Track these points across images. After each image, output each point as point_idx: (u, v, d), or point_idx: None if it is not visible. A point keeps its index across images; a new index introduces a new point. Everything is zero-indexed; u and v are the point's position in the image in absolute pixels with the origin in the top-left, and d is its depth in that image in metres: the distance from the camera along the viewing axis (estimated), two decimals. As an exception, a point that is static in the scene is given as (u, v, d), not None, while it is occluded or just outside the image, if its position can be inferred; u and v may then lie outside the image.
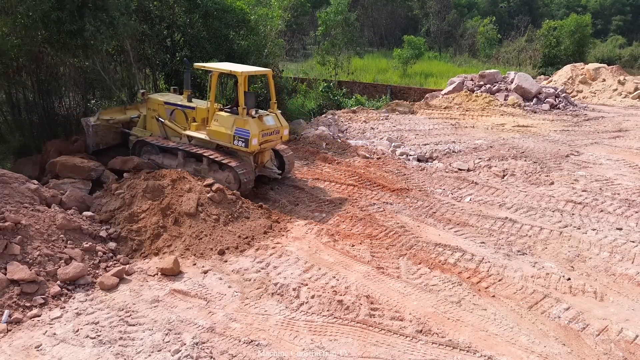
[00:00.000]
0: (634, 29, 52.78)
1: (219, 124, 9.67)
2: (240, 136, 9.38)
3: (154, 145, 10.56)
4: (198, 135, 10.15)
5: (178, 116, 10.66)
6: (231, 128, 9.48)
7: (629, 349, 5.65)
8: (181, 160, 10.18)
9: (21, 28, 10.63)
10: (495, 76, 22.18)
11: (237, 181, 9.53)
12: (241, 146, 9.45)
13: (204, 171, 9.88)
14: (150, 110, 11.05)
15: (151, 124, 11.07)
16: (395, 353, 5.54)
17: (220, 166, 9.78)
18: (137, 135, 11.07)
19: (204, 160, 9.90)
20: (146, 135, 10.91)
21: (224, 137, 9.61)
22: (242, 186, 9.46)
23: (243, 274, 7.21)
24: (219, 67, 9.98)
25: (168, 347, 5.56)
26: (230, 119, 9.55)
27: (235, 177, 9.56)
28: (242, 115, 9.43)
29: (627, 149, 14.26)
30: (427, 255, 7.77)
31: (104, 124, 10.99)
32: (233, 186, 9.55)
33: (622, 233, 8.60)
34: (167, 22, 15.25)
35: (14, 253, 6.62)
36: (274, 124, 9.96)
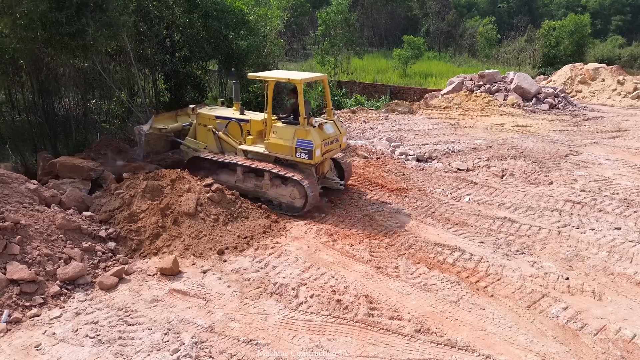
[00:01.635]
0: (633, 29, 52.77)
1: (277, 136, 9.11)
2: (302, 148, 8.84)
3: (211, 161, 9.95)
4: (255, 149, 9.63)
5: (232, 129, 10.13)
6: (292, 140, 8.93)
7: (627, 348, 5.67)
8: (240, 176, 9.62)
9: (21, 29, 10.64)
10: (494, 76, 22.19)
11: (303, 196, 8.98)
12: (304, 158, 8.91)
13: (266, 187, 9.38)
14: (200, 126, 10.52)
15: (204, 136, 10.47)
16: (394, 352, 5.56)
17: (282, 180, 9.26)
18: (188, 145, 10.62)
19: (266, 175, 9.34)
20: (200, 147, 10.43)
21: (285, 149, 9.05)
22: (308, 201, 8.91)
23: (242, 273, 7.23)
24: (275, 76, 9.48)
25: (167, 346, 5.58)
26: (290, 130, 9.00)
27: (300, 191, 9.01)
28: (303, 126, 8.87)
29: (626, 148, 14.28)
30: (425, 255, 7.79)
31: (156, 133, 10.67)
32: (298, 202, 9.07)
33: (620, 233, 8.62)
34: (166, 22, 15.28)
35: (13, 253, 6.63)
36: (334, 132, 9.49)
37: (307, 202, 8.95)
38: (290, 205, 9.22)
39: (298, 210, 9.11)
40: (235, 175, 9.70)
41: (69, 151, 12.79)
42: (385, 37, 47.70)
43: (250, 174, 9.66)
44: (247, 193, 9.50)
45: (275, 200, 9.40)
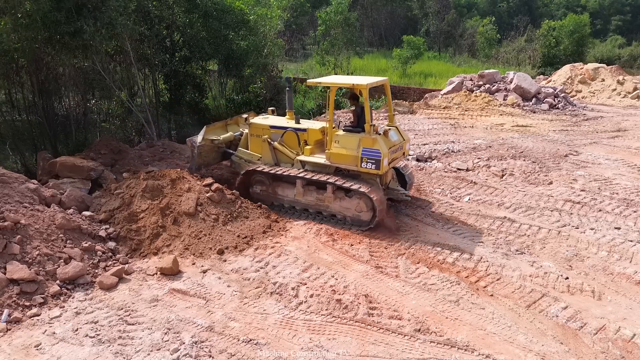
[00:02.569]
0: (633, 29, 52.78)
1: (340, 145, 8.53)
2: (369, 157, 8.27)
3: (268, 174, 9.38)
4: (314, 159, 9.07)
5: (288, 139, 9.57)
6: (357, 149, 8.36)
7: (627, 348, 5.67)
8: (300, 190, 9.03)
9: (21, 28, 10.65)
10: (494, 76, 22.20)
11: (371, 209, 8.48)
12: (371, 168, 8.31)
13: (328, 200, 8.82)
14: (253, 137, 9.94)
15: (258, 147, 9.85)
16: (394, 352, 5.56)
17: (346, 193, 8.71)
18: (241, 157, 10.15)
19: (328, 188, 8.77)
20: (254, 158, 9.89)
21: (349, 159, 8.48)
22: (376, 214, 8.39)
23: (242, 273, 7.23)
24: (337, 82, 9.07)
25: (167, 346, 5.58)
26: (354, 139, 8.43)
27: (367, 204, 8.49)
28: (369, 133, 8.32)
29: (625, 148, 14.29)
30: (425, 255, 7.79)
31: (208, 144, 10.14)
32: (365, 215, 8.55)
33: (620, 232, 8.62)
34: (166, 23, 15.29)
35: (13, 252, 6.64)
36: (398, 139, 8.93)
37: (375, 216, 8.45)
38: (357, 219, 8.67)
39: (365, 224, 8.59)
40: (294, 188, 9.13)
41: (68, 151, 12.81)
42: (385, 37, 47.70)
43: (310, 186, 9.03)
44: (307, 207, 9.10)
45: (339, 214, 8.86)
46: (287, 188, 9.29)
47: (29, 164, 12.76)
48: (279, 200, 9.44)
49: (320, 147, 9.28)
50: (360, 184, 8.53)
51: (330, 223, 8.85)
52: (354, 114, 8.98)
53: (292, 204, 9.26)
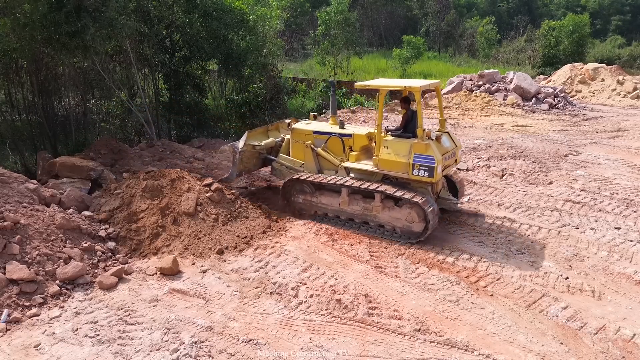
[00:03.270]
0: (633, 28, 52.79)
1: (391, 151, 8.10)
2: (421, 164, 7.82)
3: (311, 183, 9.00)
4: (360, 166, 8.65)
5: (332, 145, 9.19)
6: (408, 155, 7.93)
7: (627, 348, 5.66)
8: (345, 198, 8.60)
9: (21, 28, 10.65)
10: (494, 76, 22.21)
11: (423, 220, 7.99)
12: (424, 176, 7.85)
13: (376, 209, 8.34)
14: (296, 143, 9.61)
15: (300, 153, 9.53)
16: (394, 352, 5.56)
17: (395, 202, 8.25)
18: (282, 163, 9.84)
19: (376, 197, 8.30)
20: (296, 165, 9.57)
21: (399, 166, 8.03)
22: (429, 225, 7.94)
23: (242, 273, 7.23)
24: (388, 84, 8.63)
25: (167, 346, 5.58)
26: (405, 145, 8.00)
27: (419, 214, 8.01)
28: (422, 139, 7.86)
29: (625, 148, 14.28)
30: (425, 255, 7.79)
31: (249, 150, 9.81)
32: (417, 226, 8.06)
33: (620, 232, 8.61)
34: (166, 22, 15.29)
35: (13, 252, 6.63)
36: (450, 146, 8.47)
37: (428, 226, 7.97)
38: (407, 230, 8.20)
39: (417, 235, 8.10)
40: (338, 197, 8.73)
41: (68, 151, 12.82)
42: (385, 37, 47.71)
43: (356, 195, 8.60)
44: (353, 217, 8.71)
45: (387, 224, 8.39)
46: (331, 197, 8.87)
47: (29, 164, 12.76)
48: (322, 209, 9.03)
49: (366, 153, 8.92)
50: (412, 192, 8.05)
51: (329, 223, 8.80)
52: (404, 118, 8.56)
53: (336, 213, 8.85)
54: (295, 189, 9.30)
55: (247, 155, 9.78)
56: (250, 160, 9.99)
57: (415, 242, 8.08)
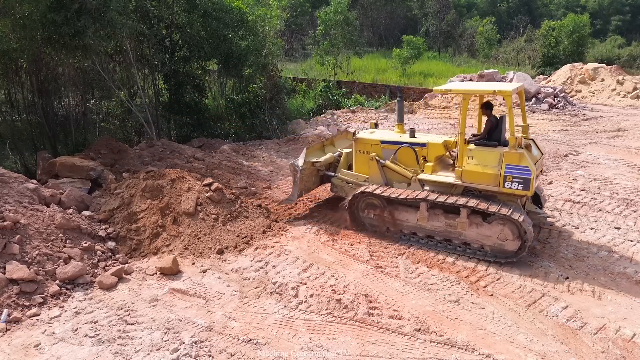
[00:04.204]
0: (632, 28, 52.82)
1: (476, 161, 7.41)
2: (514, 176, 7.11)
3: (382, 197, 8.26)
4: (439, 178, 7.91)
5: (403, 156, 8.51)
6: (497, 166, 7.23)
7: (627, 347, 5.66)
8: (424, 214, 7.88)
9: (20, 28, 10.65)
10: (494, 76, 22.22)
11: (518, 237, 7.28)
12: (517, 189, 7.15)
13: (462, 226, 7.62)
14: (360, 154, 8.98)
15: (364, 166, 8.91)
16: (394, 352, 5.55)
17: (484, 218, 7.54)
18: (343, 179, 9.19)
19: (462, 212, 7.56)
20: (359, 180, 8.94)
21: (487, 178, 7.34)
22: (525, 244, 7.24)
23: (242, 273, 7.23)
24: (473, 89, 7.91)
25: (167, 346, 5.57)
26: (493, 154, 7.32)
27: (513, 231, 7.28)
28: (514, 148, 7.19)
29: (625, 148, 14.29)
30: (425, 254, 7.78)
31: (309, 168, 9.19)
32: (511, 244, 7.32)
33: (620, 232, 8.61)
34: (165, 22, 15.29)
35: (13, 252, 6.63)
36: (538, 154, 7.79)
37: (524, 245, 7.27)
38: (499, 249, 7.47)
39: (511, 255, 7.39)
40: (416, 212, 8.00)
41: (68, 151, 12.82)
42: (385, 37, 47.71)
43: (436, 210, 7.89)
44: (433, 234, 7.97)
45: (475, 243, 7.65)
46: (406, 212, 8.14)
47: (29, 163, 12.76)
48: (397, 225, 8.28)
49: (442, 164, 8.32)
50: (506, 207, 7.32)
51: (329, 223, 8.70)
52: (487, 124, 7.76)
53: (413, 230, 8.12)
54: (363, 203, 8.59)
55: (306, 174, 9.14)
56: (310, 178, 9.36)
57: (508, 261, 7.36)
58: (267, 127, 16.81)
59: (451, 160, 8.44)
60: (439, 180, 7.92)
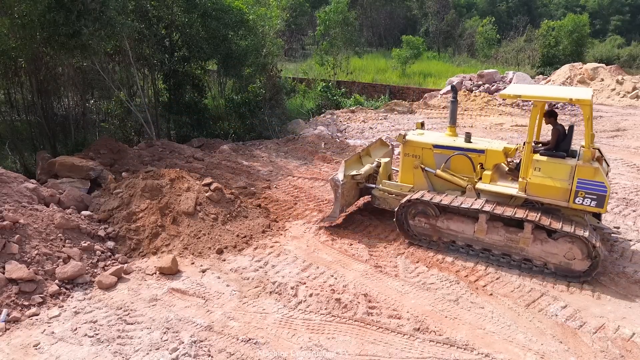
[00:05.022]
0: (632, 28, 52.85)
1: (544, 174, 6.95)
2: (588, 191, 6.67)
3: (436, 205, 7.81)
4: (500, 189, 7.46)
5: (457, 163, 8.04)
6: (568, 179, 6.79)
7: (626, 347, 5.67)
8: (483, 226, 7.39)
9: (19, 28, 10.65)
10: (493, 76, 22.23)
11: (587, 257, 6.86)
12: (589, 205, 6.72)
13: (524, 242, 7.15)
14: (408, 157, 8.52)
15: (410, 175, 8.53)
16: (393, 351, 5.56)
17: (549, 234, 7.10)
18: (386, 190, 8.74)
19: (527, 227, 7.10)
20: (404, 190, 8.52)
21: (556, 192, 6.89)
22: (597, 263, 6.81)
23: (241, 272, 7.23)
24: (548, 95, 7.27)
25: (166, 345, 5.58)
26: (564, 167, 6.83)
27: (582, 250, 6.86)
28: (587, 161, 6.73)
29: (625, 148, 14.29)
30: (424, 254, 7.79)
31: (348, 181, 8.66)
32: (579, 264, 6.90)
33: (619, 232, 8.61)
34: (165, 22, 15.28)
35: (12, 252, 6.63)
36: (605, 167, 7.32)
37: (595, 265, 6.84)
38: (565, 269, 7.05)
39: (578, 275, 6.98)
40: (473, 223, 7.54)
41: (68, 151, 12.81)
42: (385, 37, 47.71)
43: (496, 222, 7.41)
44: (491, 248, 7.52)
45: (538, 260, 7.22)
46: (462, 222, 7.67)
47: (28, 163, 12.75)
48: (450, 236, 7.82)
49: (499, 172, 7.87)
50: (575, 225, 6.92)
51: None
52: (554, 134, 7.27)
53: (469, 242, 7.68)
54: (416, 211, 8.10)
55: (346, 187, 8.61)
56: (350, 192, 8.86)
57: (576, 282, 6.96)
58: (267, 127, 16.81)
59: (507, 168, 7.99)
60: (498, 191, 7.48)
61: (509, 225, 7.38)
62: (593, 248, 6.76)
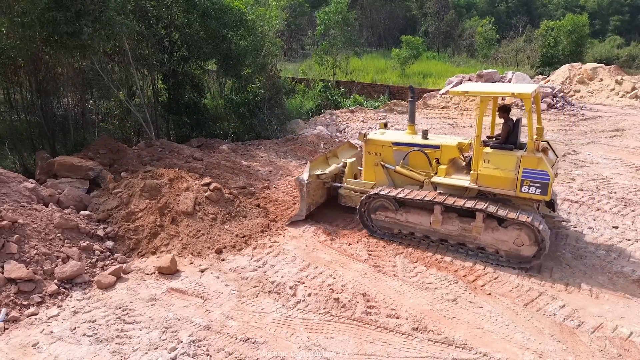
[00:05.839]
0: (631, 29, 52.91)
1: (493, 165, 7.31)
2: (532, 180, 7.02)
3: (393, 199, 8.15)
4: (454, 181, 7.82)
5: (415, 159, 8.46)
6: (515, 170, 7.14)
7: (624, 346, 5.68)
8: (438, 217, 7.77)
9: (18, 27, 10.64)
10: (493, 76, 22.23)
11: (534, 242, 7.21)
12: (534, 193, 7.06)
13: (477, 230, 7.52)
14: (370, 155, 8.93)
15: (372, 173, 8.94)
16: (391, 350, 5.56)
17: (499, 223, 7.45)
18: (351, 188, 9.07)
19: (478, 216, 7.47)
20: (366, 187, 8.86)
21: (504, 182, 7.23)
22: (543, 248, 7.15)
23: (240, 272, 7.23)
24: (491, 91, 7.70)
25: (165, 344, 5.58)
26: (510, 158, 7.20)
27: (530, 236, 7.20)
28: (532, 152, 7.09)
29: (624, 148, 14.30)
30: (423, 254, 7.79)
31: (314, 181, 9.01)
32: (527, 249, 7.24)
33: (618, 231, 8.63)
34: (164, 22, 15.29)
35: (11, 252, 6.63)
36: (553, 157, 7.74)
37: (541, 250, 7.18)
38: (515, 255, 7.39)
39: (527, 260, 7.31)
40: (429, 215, 7.90)
41: (67, 151, 12.81)
42: (384, 37, 47.74)
43: (451, 213, 7.77)
44: (447, 238, 7.89)
45: (490, 247, 7.57)
46: (419, 215, 8.01)
47: (28, 163, 12.75)
48: (408, 228, 8.17)
49: (455, 166, 8.24)
50: (519, 211, 7.27)
51: (328, 222, 8.69)
52: (504, 127, 7.63)
53: (426, 233, 8.03)
54: (375, 205, 8.45)
55: (313, 187, 8.98)
56: (317, 192, 9.19)
57: (525, 267, 7.27)
58: (266, 127, 16.82)
59: (464, 163, 8.38)
60: (452, 184, 7.83)
61: (463, 215, 7.72)
62: (538, 233, 7.07)
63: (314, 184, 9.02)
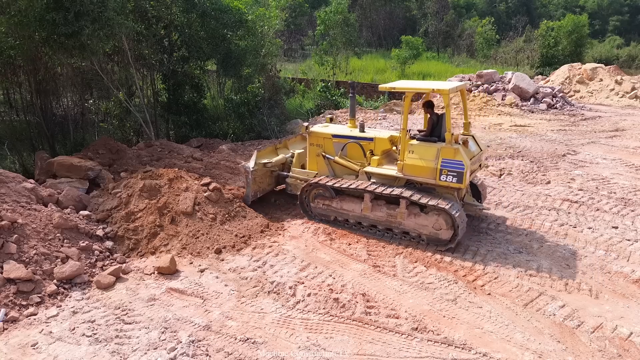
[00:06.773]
0: (631, 29, 52.94)
1: (416, 155, 7.88)
2: (449, 169, 7.59)
3: (330, 187, 8.75)
4: (383, 171, 8.38)
5: (352, 150, 9.04)
6: (435, 160, 7.70)
7: (623, 346, 5.67)
8: (368, 204, 8.34)
9: (17, 27, 10.64)
10: (492, 76, 22.24)
11: (451, 227, 7.76)
12: (452, 182, 7.63)
13: (401, 216, 8.08)
14: (313, 146, 9.48)
15: (314, 163, 9.50)
16: (391, 350, 5.56)
17: (421, 209, 8.00)
18: (296, 177, 9.59)
19: (402, 203, 8.03)
20: (310, 176, 9.38)
21: (425, 171, 7.81)
22: (457, 232, 7.71)
23: (239, 272, 7.23)
24: (414, 87, 8.34)
25: (164, 345, 5.57)
26: (431, 149, 7.77)
27: (447, 221, 7.75)
28: (450, 143, 7.64)
29: (623, 148, 14.31)
30: (423, 254, 7.79)
31: (260, 169, 9.51)
32: (444, 233, 7.81)
33: (617, 231, 8.63)
34: (164, 22, 15.29)
35: (10, 252, 6.62)
36: (476, 150, 8.30)
37: (456, 234, 7.75)
38: (434, 238, 7.95)
39: (444, 243, 7.88)
40: (361, 203, 8.47)
41: (66, 151, 12.82)
42: (384, 37, 47.75)
43: (379, 201, 8.37)
44: (376, 224, 8.45)
45: (413, 232, 8.13)
46: (352, 202, 8.59)
47: (27, 163, 12.75)
48: (343, 215, 8.74)
49: (388, 158, 8.74)
50: (439, 199, 7.85)
51: (327, 222, 8.78)
52: (429, 122, 8.23)
53: (358, 219, 8.58)
54: (314, 194, 9.06)
55: (259, 175, 9.49)
56: (264, 180, 9.69)
57: (444, 249, 7.83)
58: (266, 127, 16.82)
59: (397, 155, 8.70)
60: (383, 173, 8.39)
61: (390, 203, 8.29)
62: (454, 219, 7.62)
63: (260, 172, 9.52)
